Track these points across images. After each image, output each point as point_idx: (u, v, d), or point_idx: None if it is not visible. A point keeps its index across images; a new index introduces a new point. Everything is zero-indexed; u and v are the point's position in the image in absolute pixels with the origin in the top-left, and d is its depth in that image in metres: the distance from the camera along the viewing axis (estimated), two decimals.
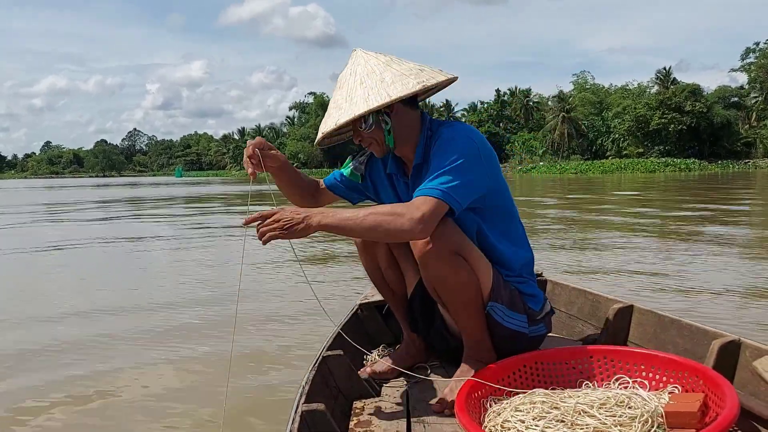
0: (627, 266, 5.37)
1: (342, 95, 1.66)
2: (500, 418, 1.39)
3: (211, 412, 2.42)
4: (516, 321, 1.76)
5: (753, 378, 1.58)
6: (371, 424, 1.61)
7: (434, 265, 1.64)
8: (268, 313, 3.97)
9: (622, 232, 8.12)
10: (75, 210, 16.37)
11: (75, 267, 6.52)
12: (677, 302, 3.95)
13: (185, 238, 8.78)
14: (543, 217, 10.76)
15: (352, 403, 1.77)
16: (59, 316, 4.16)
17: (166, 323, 3.89)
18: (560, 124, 62.72)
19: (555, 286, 2.57)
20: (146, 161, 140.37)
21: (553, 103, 69.37)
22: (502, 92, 77.84)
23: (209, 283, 5.20)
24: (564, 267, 5.38)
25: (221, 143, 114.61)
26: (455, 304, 1.71)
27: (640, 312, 2.09)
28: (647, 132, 55.06)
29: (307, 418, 1.42)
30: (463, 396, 1.43)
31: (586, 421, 1.30)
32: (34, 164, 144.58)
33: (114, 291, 5.10)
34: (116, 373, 2.99)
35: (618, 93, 67.06)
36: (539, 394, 1.46)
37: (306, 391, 1.58)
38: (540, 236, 7.72)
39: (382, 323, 2.40)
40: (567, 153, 61.85)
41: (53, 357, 3.27)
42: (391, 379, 1.94)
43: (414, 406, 1.72)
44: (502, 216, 1.79)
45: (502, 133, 72.34)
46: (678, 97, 53.72)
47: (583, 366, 1.64)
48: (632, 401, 1.36)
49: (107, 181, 74.94)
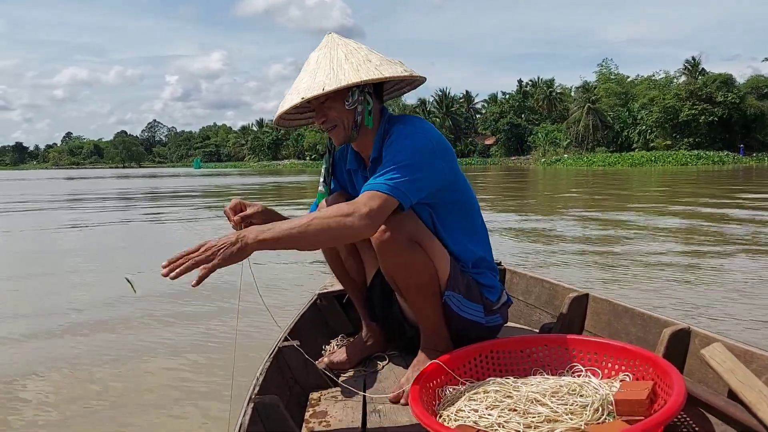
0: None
1: (323, 68, 1.60)
2: (454, 407, 1.41)
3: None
4: (472, 311, 1.76)
5: (701, 366, 1.61)
6: (327, 415, 1.61)
7: (391, 253, 1.62)
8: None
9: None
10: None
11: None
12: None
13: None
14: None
15: (308, 394, 1.76)
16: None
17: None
18: (585, 115, 61.44)
19: (513, 275, 2.57)
20: (165, 152, 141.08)
21: (576, 94, 68.11)
22: (524, 83, 76.59)
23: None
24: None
25: (239, 134, 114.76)
26: (412, 292, 1.70)
27: (595, 300, 2.12)
28: (676, 123, 53.70)
29: (259, 410, 1.41)
30: (418, 386, 1.45)
31: (538, 410, 1.33)
32: (55, 155, 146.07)
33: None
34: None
35: (644, 84, 65.62)
36: (493, 383, 1.50)
37: (260, 382, 1.56)
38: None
39: (342, 313, 2.37)
40: (592, 145, 60.60)
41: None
42: (348, 369, 1.94)
43: (371, 396, 1.71)
44: (459, 210, 1.78)
45: (524, 125, 71.16)
46: (709, 88, 52.30)
47: (537, 355, 1.66)
48: (584, 389, 1.40)
49: (127, 172, 75.31)
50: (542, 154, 62.47)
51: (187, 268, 1.29)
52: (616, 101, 63.37)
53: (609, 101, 63.19)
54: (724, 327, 3.19)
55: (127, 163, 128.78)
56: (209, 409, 2.42)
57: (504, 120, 71.64)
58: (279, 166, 77.12)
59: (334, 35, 1.70)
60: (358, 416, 1.60)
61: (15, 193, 21.89)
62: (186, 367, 2.91)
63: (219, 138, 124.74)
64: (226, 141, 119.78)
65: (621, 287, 4.23)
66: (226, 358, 2.93)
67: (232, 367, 2.62)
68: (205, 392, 2.59)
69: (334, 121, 1.66)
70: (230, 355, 2.91)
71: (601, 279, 4.53)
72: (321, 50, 1.66)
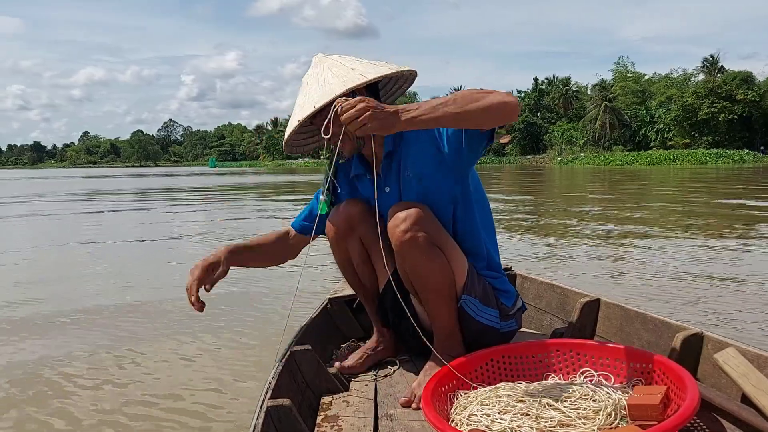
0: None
1: (313, 88, 1.65)
2: (466, 411, 1.40)
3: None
4: (488, 316, 1.76)
5: (714, 370, 1.61)
6: (339, 419, 1.61)
7: (411, 255, 1.63)
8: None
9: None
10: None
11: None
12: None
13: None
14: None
15: (320, 398, 1.76)
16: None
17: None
18: (601, 113, 60.77)
19: (524, 279, 2.58)
20: (181, 151, 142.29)
21: (593, 92, 67.44)
22: (540, 81, 75.95)
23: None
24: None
25: (254, 134, 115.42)
26: (429, 295, 1.70)
27: (606, 305, 2.12)
28: (695, 122, 52.93)
29: (272, 414, 1.40)
30: (430, 390, 1.44)
31: (550, 414, 1.31)
32: (72, 154, 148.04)
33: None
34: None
35: (662, 82, 64.79)
36: (505, 387, 1.49)
37: (272, 386, 1.56)
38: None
39: (352, 318, 2.37)
40: (608, 144, 59.93)
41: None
42: (360, 373, 1.93)
43: (382, 400, 1.71)
44: (478, 207, 1.80)
45: (540, 123, 70.58)
46: (729, 85, 51.47)
47: (549, 359, 1.65)
48: (596, 394, 1.39)
49: (145, 171, 76.04)
50: (558, 153, 61.85)
51: (350, 117, 1.36)
52: (633, 99, 62.65)
53: (626, 99, 62.48)
54: (737, 332, 3.02)
55: (143, 162, 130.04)
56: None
57: (519, 118, 70.97)
58: (293, 165, 77.35)
59: (320, 55, 1.75)
60: (370, 420, 1.60)
61: (70, 190, 22.06)
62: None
63: (234, 137, 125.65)
64: (240, 140, 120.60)
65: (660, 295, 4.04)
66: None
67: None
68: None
69: (338, 134, 1.64)
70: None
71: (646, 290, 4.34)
72: (310, 71, 1.72)
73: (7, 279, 4.99)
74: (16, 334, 3.33)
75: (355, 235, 1.86)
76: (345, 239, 1.88)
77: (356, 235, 1.86)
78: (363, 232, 1.83)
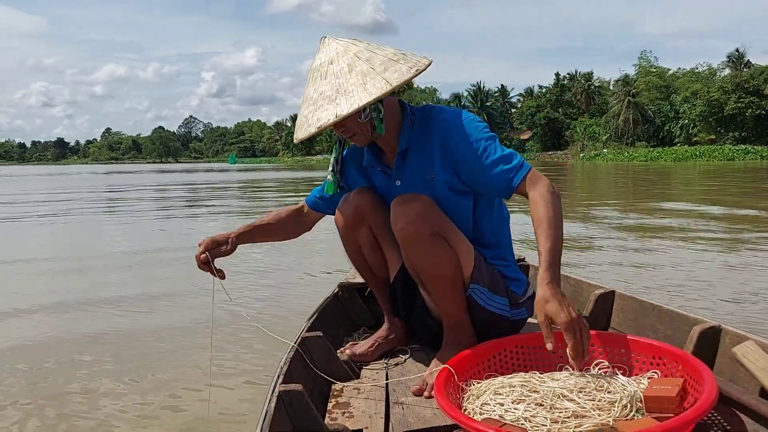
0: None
1: (329, 86, 1.58)
2: (479, 400, 1.39)
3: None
4: (497, 304, 1.75)
5: (732, 364, 1.57)
6: (350, 407, 1.61)
7: (415, 246, 1.64)
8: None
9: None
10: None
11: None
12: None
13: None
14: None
15: (331, 385, 1.76)
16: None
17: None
18: (624, 109, 59.72)
19: (537, 270, 2.47)
20: (202, 148, 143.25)
21: (616, 87, 66.36)
22: (561, 76, 74.96)
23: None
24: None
25: (273, 130, 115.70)
26: (436, 286, 1.71)
27: (621, 297, 2.10)
28: (721, 117, 51.69)
29: (284, 399, 1.40)
30: (442, 379, 1.43)
31: (565, 405, 1.30)
32: (95, 150, 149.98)
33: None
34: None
35: (686, 76, 63.57)
36: (518, 378, 1.47)
37: (284, 371, 1.57)
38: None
39: (363, 306, 2.37)
40: (632, 139, 58.88)
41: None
42: (371, 361, 1.94)
43: (393, 388, 1.71)
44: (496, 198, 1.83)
45: (561, 119, 69.60)
46: (756, 80, 50.21)
47: (563, 350, 1.53)
48: (611, 386, 1.37)
49: (166, 167, 76.62)
50: (580, 148, 60.93)
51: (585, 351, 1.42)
52: (656, 95, 61.43)
53: (649, 95, 61.30)
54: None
55: (164, 158, 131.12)
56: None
57: (541, 114, 70.15)
58: (312, 161, 77.36)
59: (330, 38, 1.67)
60: (381, 408, 1.60)
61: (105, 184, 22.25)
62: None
63: (253, 133, 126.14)
64: (260, 136, 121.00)
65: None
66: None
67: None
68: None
69: (352, 130, 1.67)
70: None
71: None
72: (323, 58, 1.63)
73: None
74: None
75: (364, 225, 1.87)
76: (355, 229, 1.89)
77: (366, 225, 1.87)
78: (373, 222, 1.85)
